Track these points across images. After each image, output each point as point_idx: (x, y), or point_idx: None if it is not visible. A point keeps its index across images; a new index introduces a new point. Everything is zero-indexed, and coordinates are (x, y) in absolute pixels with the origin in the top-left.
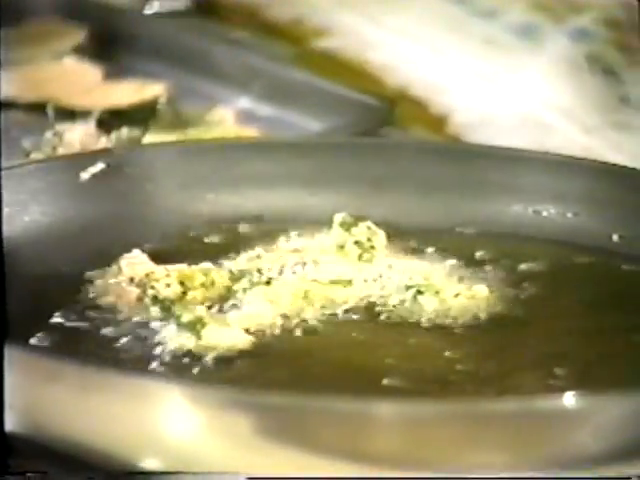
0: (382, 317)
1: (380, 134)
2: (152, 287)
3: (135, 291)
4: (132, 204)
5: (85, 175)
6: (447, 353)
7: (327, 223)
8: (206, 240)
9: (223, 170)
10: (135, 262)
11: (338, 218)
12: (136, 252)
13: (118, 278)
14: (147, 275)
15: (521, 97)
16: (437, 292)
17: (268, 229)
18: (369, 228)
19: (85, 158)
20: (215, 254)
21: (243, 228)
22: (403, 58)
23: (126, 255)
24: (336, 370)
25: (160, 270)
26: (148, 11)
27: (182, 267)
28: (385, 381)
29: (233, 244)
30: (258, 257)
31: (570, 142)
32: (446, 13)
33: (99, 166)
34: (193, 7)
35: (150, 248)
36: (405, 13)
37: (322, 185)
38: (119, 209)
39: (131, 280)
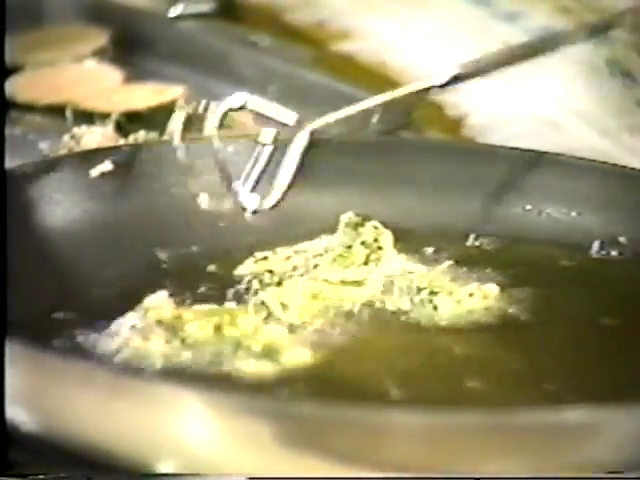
0: (398, 318)
1: (397, 137)
2: (182, 329)
3: (164, 334)
4: (136, 202)
5: (94, 173)
6: (476, 355)
7: (333, 223)
8: (210, 241)
9: (230, 168)
10: (161, 305)
11: (344, 218)
12: (161, 294)
13: (144, 321)
14: (175, 318)
15: (538, 99)
16: (451, 293)
17: (275, 229)
18: (376, 228)
19: (94, 155)
20: (221, 256)
21: (249, 228)
22: (422, 61)
23: (151, 297)
24: (356, 373)
25: (188, 313)
26: (173, 14)
27: (207, 308)
28: (409, 386)
29: (238, 245)
30: (265, 259)
31: (585, 145)
32: (467, 16)
33: (107, 164)
34: (218, 9)
35: (159, 252)
36: (425, 16)
37: (328, 184)
38: (126, 207)
39: (158, 323)
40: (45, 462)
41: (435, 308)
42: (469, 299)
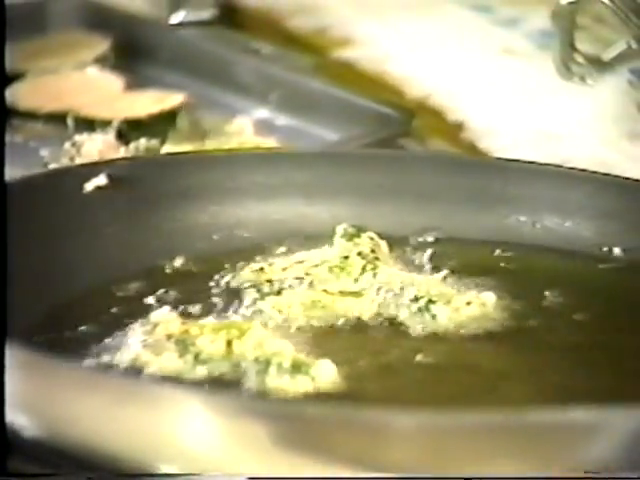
0: (400, 328)
1: (398, 145)
2: (193, 344)
3: (175, 349)
4: (134, 216)
5: (89, 186)
6: (476, 362)
7: (327, 234)
8: (205, 252)
9: (223, 181)
10: (168, 320)
11: (340, 229)
12: (165, 309)
13: (153, 337)
14: (184, 332)
15: (538, 107)
16: (449, 301)
17: (269, 240)
18: (372, 239)
19: (88, 169)
20: (217, 268)
21: (244, 240)
22: (423, 68)
23: (157, 312)
24: (362, 381)
25: (194, 328)
26: (174, 21)
27: (213, 322)
28: (409, 392)
29: (235, 256)
30: (261, 270)
31: (585, 154)
32: (467, 23)
33: (102, 178)
34: (219, 17)
35: (155, 265)
36: (426, 23)
37: (321, 196)
38: (121, 220)
39: (168, 338)
40: (46, 466)
41: (433, 317)
42: (467, 307)
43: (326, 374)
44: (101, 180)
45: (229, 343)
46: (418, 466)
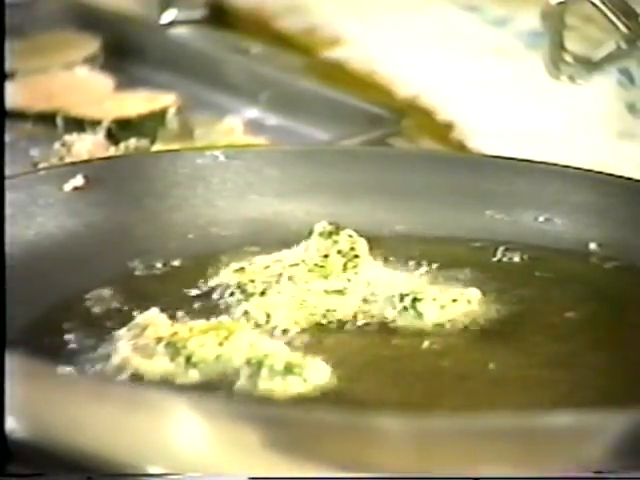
0: (387, 326)
1: (388, 144)
2: (184, 347)
3: (165, 352)
4: (110, 216)
5: (67, 187)
6: (464, 360)
7: (303, 232)
8: (186, 251)
9: (197, 179)
10: (157, 322)
11: (318, 227)
12: (154, 311)
13: (142, 340)
14: (173, 335)
15: (527, 107)
16: (434, 298)
17: (245, 239)
18: (350, 237)
19: (65, 169)
20: (198, 266)
21: (220, 238)
22: (413, 68)
23: (145, 314)
24: (352, 381)
25: (184, 330)
26: (164, 21)
27: (202, 324)
28: (401, 392)
29: (213, 255)
30: (242, 269)
31: (575, 153)
32: (457, 22)
33: (79, 179)
34: (209, 17)
35: (131, 265)
36: (415, 23)
37: (295, 193)
38: (98, 221)
39: (158, 341)
40: (43, 469)
41: (419, 314)
42: (453, 304)
43: (319, 375)
44: (78, 181)
45: (220, 345)
46: (406, 468)
